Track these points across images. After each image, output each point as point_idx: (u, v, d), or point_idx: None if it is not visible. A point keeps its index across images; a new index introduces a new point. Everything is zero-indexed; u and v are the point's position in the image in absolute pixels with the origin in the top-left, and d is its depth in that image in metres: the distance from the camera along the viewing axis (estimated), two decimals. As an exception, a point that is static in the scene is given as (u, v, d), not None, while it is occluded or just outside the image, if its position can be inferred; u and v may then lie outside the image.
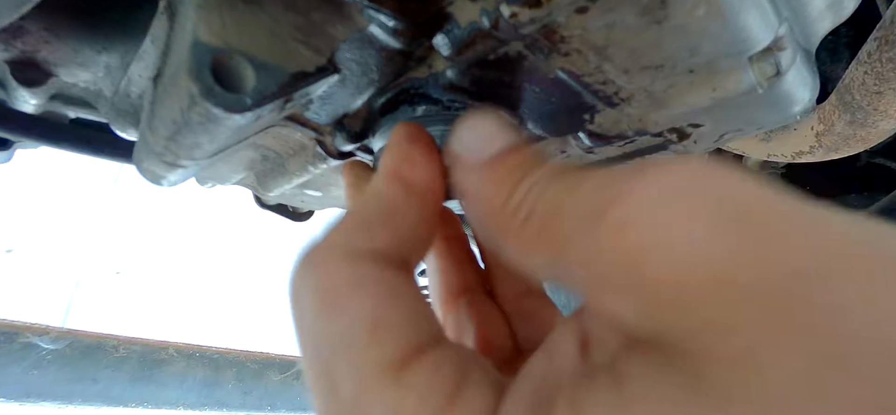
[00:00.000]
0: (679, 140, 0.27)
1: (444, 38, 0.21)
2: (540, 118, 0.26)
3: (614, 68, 0.22)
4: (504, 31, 0.20)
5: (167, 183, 0.31)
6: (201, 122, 0.21)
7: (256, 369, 2.89)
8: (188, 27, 0.20)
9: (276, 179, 0.37)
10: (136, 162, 0.31)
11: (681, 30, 0.19)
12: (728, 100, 0.22)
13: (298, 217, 0.58)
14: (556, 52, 0.21)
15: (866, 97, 0.37)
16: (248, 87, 0.20)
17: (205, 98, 0.19)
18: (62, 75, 0.32)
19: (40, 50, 0.30)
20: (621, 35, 0.20)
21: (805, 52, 0.23)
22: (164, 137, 0.25)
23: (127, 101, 0.33)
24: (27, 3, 0.23)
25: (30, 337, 2.12)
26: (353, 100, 0.26)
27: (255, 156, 0.35)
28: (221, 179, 0.41)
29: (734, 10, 0.19)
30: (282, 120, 0.26)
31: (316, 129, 0.28)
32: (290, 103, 0.23)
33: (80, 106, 0.39)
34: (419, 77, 0.24)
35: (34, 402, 2.04)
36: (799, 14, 0.22)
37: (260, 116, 0.21)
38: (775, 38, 0.20)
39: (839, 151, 0.45)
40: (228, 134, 0.23)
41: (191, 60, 0.19)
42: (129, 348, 2.37)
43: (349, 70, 0.24)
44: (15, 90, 0.32)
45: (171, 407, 2.44)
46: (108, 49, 0.31)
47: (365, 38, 0.23)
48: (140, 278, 2.58)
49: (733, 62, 0.21)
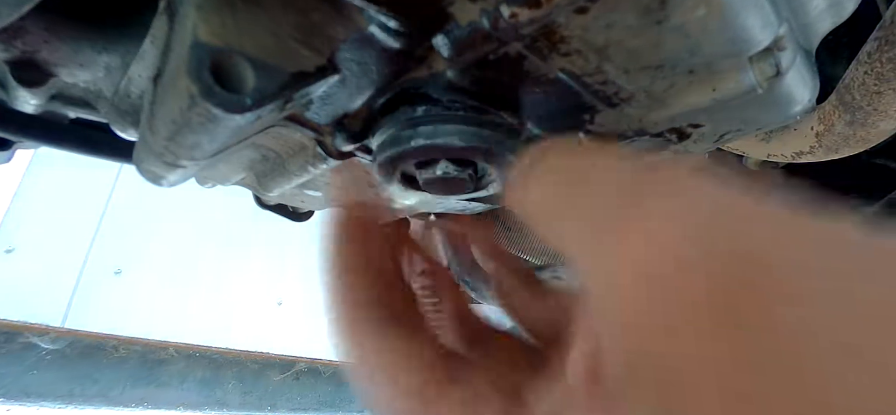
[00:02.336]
0: (679, 140, 0.27)
1: (444, 39, 0.21)
2: (540, 118, 0.26)
3: (614, 68, 0.22)
4: (504, 31, 0.20)
5: (167, 183, 0.31)
6: (201, 122, 0.21)
7: (256, 369, 2.90)
8: (188, 27, 0.20)
9: (276, 179, 0.37)
10: (136, 162, 0.31)
11: (681, 30, 0.19)
12: (728, 100, 0.22)
13: (298, 217, 0.58)
14: (555, 52, 0.21)
15: (866, 97, 0.37)
16: (248, 88, 0.20)
17: (205, 98, 0.19)
18: (62, 75, 0.32)
19: (40, 50, 0.30)
20: (621, 35, 0.20)
21: (805, 52, 0.23)
22: (164, 138, 0.25)
23: (127, 101, 0.33)
24: (27, 3, 0.23)
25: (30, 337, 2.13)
26: (353, 100, 0.26)
27: (255, 156, 0.35)
28: (221, 179, 0.41)
29: (734, 11, 0.19)
30: (282, 120, 0.26)
31: (316, 129, 0.28)
32: (290, 104, 0.23)
33: (80, 106, 0.39)
34: (419, 77, 0.24)
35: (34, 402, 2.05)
36: (799, 14, 0.22)
37: (260, 117, 0.21)
38: (775, 38, 0.20)
39: (839, 151, 0.45)
40: (228, 134, 0.23)
41: (191, 60, 0.19)
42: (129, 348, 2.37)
43: (349, 70, 0.24)
44: (15, 90, 0.32)
45: (171, 407, 2.45)
46: (108, 49, 0.31)
47: (365, 39, 0.23)
48: (140, 278, 2.58)
49: (733, 62, 0.21)
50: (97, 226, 2.50)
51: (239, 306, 2.88)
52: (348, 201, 0.22)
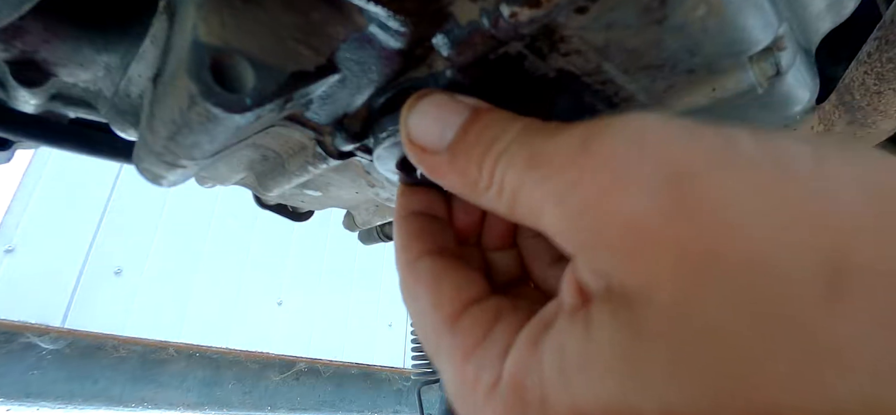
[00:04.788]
0: (679, 140, 0.27)
1: (444, 38, 0.21)
2: (540, 118, 0.26)
3: (614, 68, 0.22)
4: (504, 30, 0.20)
5: (167, 183, 0.31)
6: (201, 122, 0.21)
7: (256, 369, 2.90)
8: (188, 27, 0.20)
9: (276, 179, 0.37)
10: (136, 162, 0.31)
11: (681, 30, 0.19)
12: (728, 100, 0.22)
13: (298, 217, 0.58)
14: (555, 51, 0.21)
15: (866, 97, 0.37)
16: (248, 88, 0.20)
17: (204, 98, 0.19)
18: (62, 75, 0.32)
19: (40, 50, 0.30)
20: (621, 35, 0.20)
21: (805, 52, 0.23)
22: (163, 138, 0.25)
23: (127, 101, 0.33)
24: (27, 3, 0.23)
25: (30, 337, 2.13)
26: (353, 100, 0.26)
27: (255, 156, 0.35)
28: (221, 179, 0.41)
29: (734, 10, 0.19)
30: (282, 120, 0.26)
31: (316, 129, 0.28)
32: (289, 103, 0.23)
33: (80, 106, 0.39)
34: (419, 77, 0.24)
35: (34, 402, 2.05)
36: (799, 14, 0.22)
37: (260, 116, 0.21)
38: (775, 38, 0.20)
39: (839, 151, 0.45)
40: (228, 134, 0.23)
41: (190, 60, 0.19)
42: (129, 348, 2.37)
43: (349, 70, 0.24)
44: (15, 90, 0.32)
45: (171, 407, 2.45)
46: (108, 49, 0.31)
47: (365, 38, 0.23)
48: (140, 278, 2.58)
49: (733, 62, 0.21)
50: (97, 226, 2.50)
51: (239, 306, 2.88)
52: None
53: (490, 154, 0.19)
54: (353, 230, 0.63)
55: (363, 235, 0.71)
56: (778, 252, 0.12)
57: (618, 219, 0.14)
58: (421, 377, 1.49)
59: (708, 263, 0.13)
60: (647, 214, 0.14)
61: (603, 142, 0.15)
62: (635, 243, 0.14)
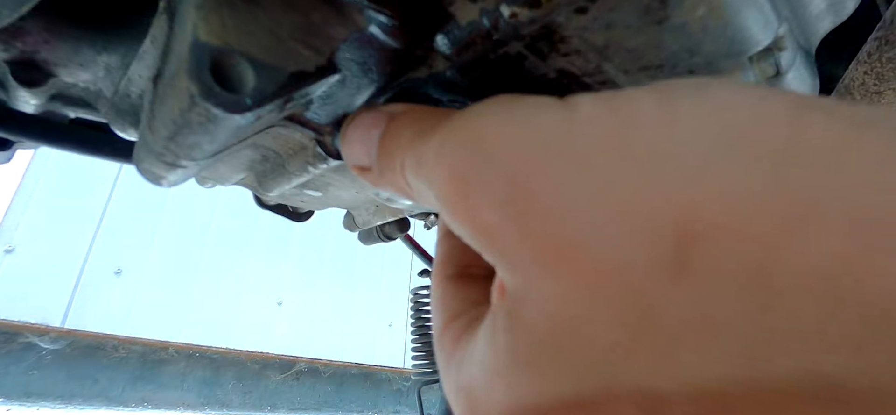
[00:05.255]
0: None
1: (444, 38, 0.21)
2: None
3: (614, 68, 0.22)
4: (504, 31, 0.20)
5: (167, 183, 0.31)
6: (201, 122, 0.21)
7: (256, 369, 2.90)
8: (188, 27, 0.20)
9: (276, 179, 0.37)
10: (136, 162, 0.31)
11: (681, 30, 0.19)
12: (728, 100, 0.22)
13: (298, 217, 0.58)
14: (555, 52, 0.21)
15: (866, 97, 0.37)
16: (248, 88, 0.20)
17: (204, 98, 0.19)
18: (62, 75, 0.32)
19: (40, 50, 0.30)
20: (621, 35, 0.20)
21: (805, 52, 0.23)
22: (163, 138, 0.25)
23: (127, 101, 0.33)
24: (27, 3, 0.23)
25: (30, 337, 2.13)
26: (354, 100, 0.26)
27: (255, 156, 0.35)
28: (221, 180, 0.41)
29: (734, 10, 0.19)
30: (282, 120, 0.26)
31: (316, 129, 0.28)
32: (290, 103, 0.23)
33: (80, 106, 0.39)
34: (419, 77, 0.24)
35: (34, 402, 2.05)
36: (799, 14, 0.22)
37: (260, 116, 0.21)
38: (775, 38, 0.20)
39: (839, 151, 0.45)
40: (228, 134, 0.23)
41: (190, 60, 0.19)
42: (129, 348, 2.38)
43: (349, 70, 0.24)
44: (15, 90, 0.32)
45: (170, 407, 2.45)
46: (108, 49, 0.31)
47: (365, 38, 0.23)
48: (140, 278, 2.58)
49: (733, 62, 0.21)
50: (97, 226, 2.50)
51: (239, 306, 2.88)
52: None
53: (396, 160, 0.19)
54: (353, 230, 0.63)
55: (363, 236, 0.71)
56: (614, 230, 0.12)
57: (481, 227, 0.15)
58: (421, 377, 1.49)
59: (556, 258, 0.13)
60: (501, 223, 0.14)
61: (453, 148, 0.16)
62: (501, 249, 0.14)
